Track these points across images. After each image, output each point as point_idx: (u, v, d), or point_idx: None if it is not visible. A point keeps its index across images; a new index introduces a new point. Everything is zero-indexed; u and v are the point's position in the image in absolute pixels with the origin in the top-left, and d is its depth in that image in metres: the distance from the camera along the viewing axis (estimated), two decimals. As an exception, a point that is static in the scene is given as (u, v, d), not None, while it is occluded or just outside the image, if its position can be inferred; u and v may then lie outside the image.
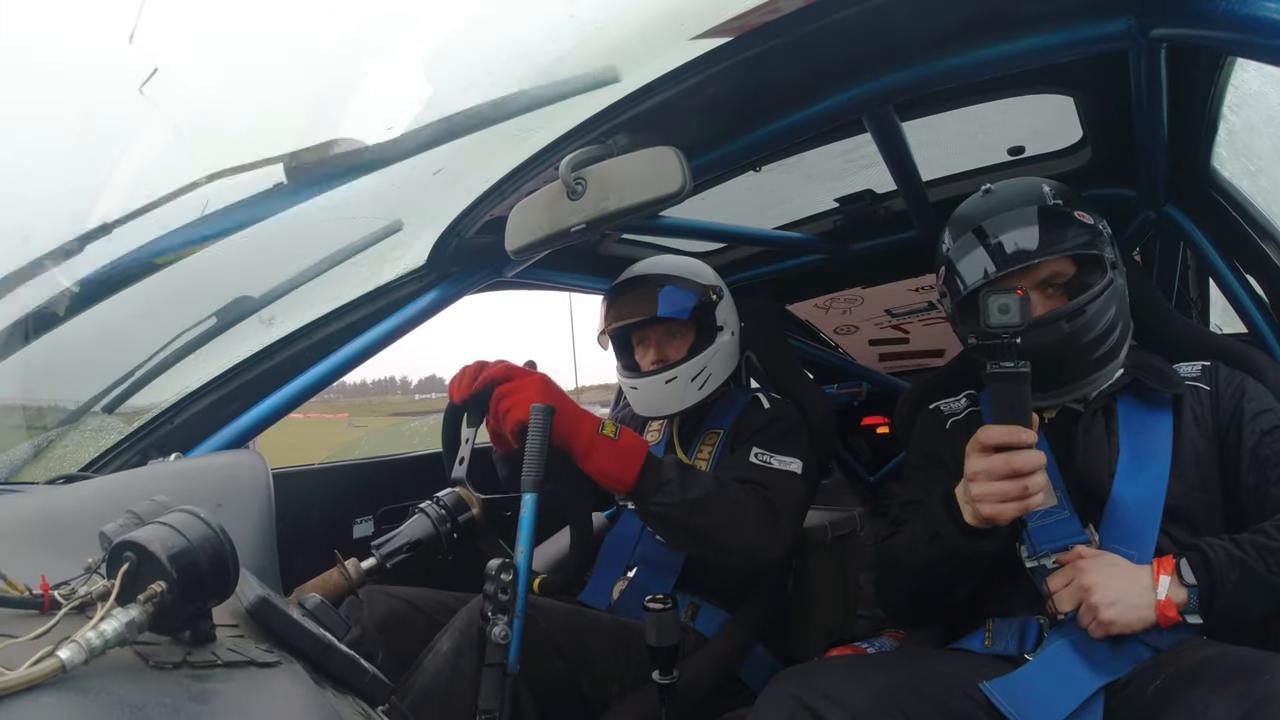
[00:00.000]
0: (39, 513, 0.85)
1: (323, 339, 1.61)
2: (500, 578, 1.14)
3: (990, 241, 1.31)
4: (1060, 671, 1.12)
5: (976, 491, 1.08)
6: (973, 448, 1.10)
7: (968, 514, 1.13)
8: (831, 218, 2.20)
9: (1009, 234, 1.30)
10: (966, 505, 1.13)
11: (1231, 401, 1.26)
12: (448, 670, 1.23)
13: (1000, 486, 1.06)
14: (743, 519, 1.43)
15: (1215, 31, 0.95)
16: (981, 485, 1.07)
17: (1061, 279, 1.29)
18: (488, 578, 1.14)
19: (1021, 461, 1.05)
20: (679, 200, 1.15)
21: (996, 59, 1.18)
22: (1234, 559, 1.06)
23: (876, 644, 2.00)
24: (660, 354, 1.77)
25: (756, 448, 1.61)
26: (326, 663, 0.65)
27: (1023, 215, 1.31)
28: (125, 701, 0.47)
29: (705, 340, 1.75)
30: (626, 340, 1.85)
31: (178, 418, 1.46)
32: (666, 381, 1.72)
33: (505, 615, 1.13)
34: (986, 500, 1.07)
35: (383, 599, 1.47)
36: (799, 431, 1.72)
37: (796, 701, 1.01)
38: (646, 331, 1.79)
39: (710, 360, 1.74)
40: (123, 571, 0.53)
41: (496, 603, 1.13)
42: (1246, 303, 1.58)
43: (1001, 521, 1.08)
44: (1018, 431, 1.05)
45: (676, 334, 1.78)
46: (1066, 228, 1.28)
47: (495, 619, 1.12)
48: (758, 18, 1.06)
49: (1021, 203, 1.32)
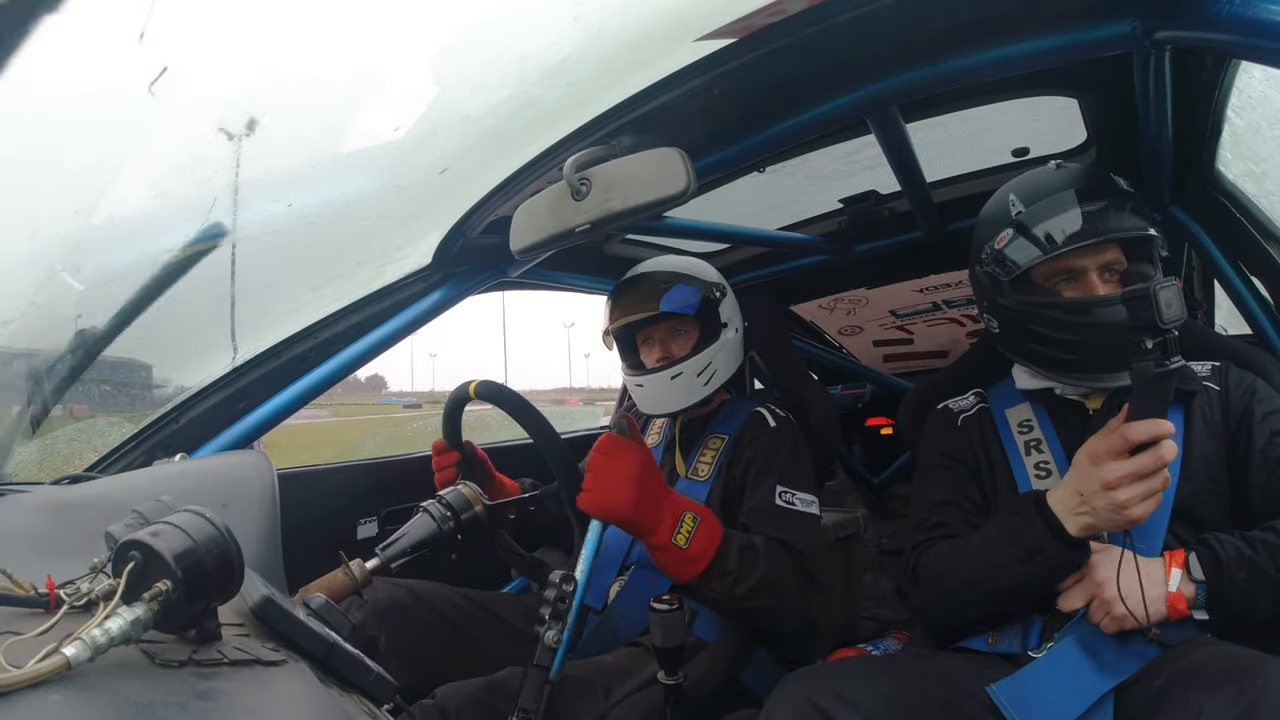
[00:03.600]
0: (45, 513, 0.85)
1: (328, 339, 1.61)
2: (563, 587, 1.21)
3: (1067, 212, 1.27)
4: (1069, 671, 1.12)
5: (1124, 496, 1.03)
6: (1105, 453, 1.06)
7: (1075, 525, 1.09)
8: (836, 218, 2.20)
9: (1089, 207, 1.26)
10: (1080, 516, 1.09)
11: (1241, 402, 1.26)
12: None
13: (1147, 484, 1.03)
14: (787, 604, 1.49)
15: (1220, 34, 0.95)
16: (1129, 489, 1.04)
17: (1120, 266, 1.28)
18: (550, 585, 1.21)
19: (1169, 453, 1.02)
20: (684, 201, 1.15)
21: (1001, 61, 1.18)
22: (1243, 556, 1.06)
23: (881, 645, 2.00)
24: (665, 351, 1.77)
25: (780, 486, 1.62)
26: (332, 662, 0.65)
27: (1101, 189, 1.28)
28: (131, 699, 0.48)
29: (709, 337, 1.76)
30: (631, 339, 1.86)
31: (183, 418, 1.46)
32: (672, 378, 1.72)
33: (560, 623, 1.19)
34: (1133, 503, 1.03)
35: (384, 587, 1.47)
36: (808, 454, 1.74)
37: (808, 702, 1.01)
38: (651, 330, 1.80)
39: (715, 356, 1.74)
40: (128, 570, 0.53)
41: (555, 609, 1.19)
42: (1251, 304, 1.58)
43: (1141, 522, 1.05)
44: (1163, 425, 1.02)
45: (681, 331, 1.78)
46: (1139, 212, 1.26)
47: (551, 624, 1.18)
48: (762, 19, 1.06)
49: (1098, 181, 1.30)
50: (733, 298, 1.84)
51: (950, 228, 2.00)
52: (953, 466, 1.43)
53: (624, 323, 1.77)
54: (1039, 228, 1.29)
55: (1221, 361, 1.35)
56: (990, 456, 1.41)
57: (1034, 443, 1.36)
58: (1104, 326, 1.24)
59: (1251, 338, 1.61)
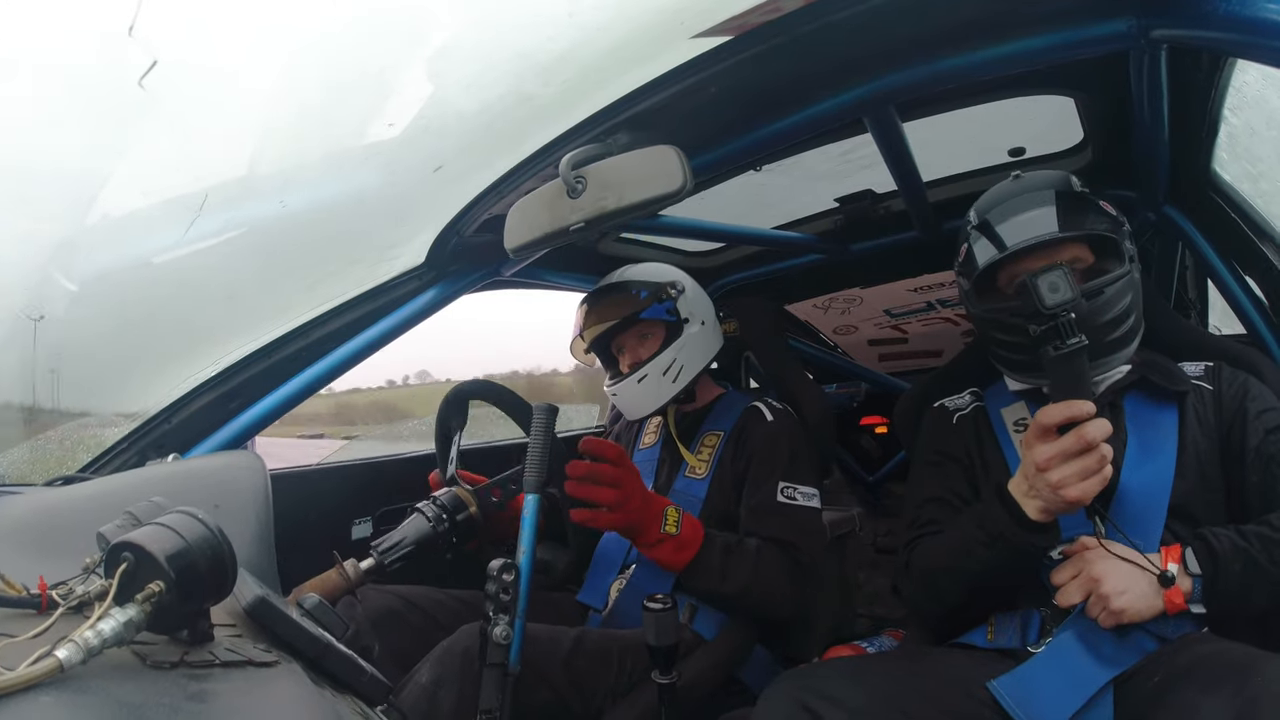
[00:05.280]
0: (37, 514, 0.85)
1: (320, 338, 1.60)
2: (502, 578, 1.15)
3: (1015, 218, 1.32)
4: (1068, 665, 1.12)
5: (1055, 477, 1.05)
6: (1034, 436, 1.08)
7: (1032, 509, 1.10)
8: (831, 218, 2.20)
9: (1034, 212, 1.31)
10: (1031, 499, 1.11)
11: (1235, 401, 1.27)
12: (425, 703, 1.21)
13: (1080, 464, 1.04)
14: (777, 593, 1.54)
15: (1216, 33, 0.95)
16: (1059, 469, 1.05)
17: (1082, 264, 1.30)
18: (489, 578, 1.15)
19: (1094, 432, 1.03)
20: (679, 199, 1.15)
21: (997, 59, 1.18)
22: (1238, 549, 1.08)
23: (876, 643, 2.01)
24: (634, 356, 1.82)
25: (783, 482, 1.65)
26: (325, 662, 0.65)
27: (1048, 196, 1.32)
28: (123, 701, 0.47)
29: (673, 334, 1.79)
30: (608, 351, 1.91)
31: (175, 418, 1.45)
32: (639, 381, 1.75)
33: (507, 615, 1.14)
34: (1068, 483, 1.04)
35: (377, 595, 1.47)
36: (807, 445, 1.76)
37: (796, 703, 1.02)
38: (620, 339, 1.85)
39: (680, 352, 1.77)
40: (120, 571, 0.53)
41: (498, 603, 1.14)
42: (1245, 304, 1.59)
43: (1085, 502, 1.06)
44: (1077, 405, 1.04)
45: (647, 335, 1.82)
46: (1088, 213, 1.29)
47: (497, 619, 1.13)
48: (758, 17, 1.06)
49: (1048, 186, 1.34)
50: (695, 291, 1.86)
51: (946, 227, 2.00)
52: (945, 464, 1.45)
53: (591, 336, 1.86)
54: (984, 239, 1.35)
55: (1215, 361, 1.36)
56: (985, 454, 1.42)
57: None
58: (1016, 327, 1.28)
59: (1245, 337, 1.62)
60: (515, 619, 1.15)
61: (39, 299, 1.33)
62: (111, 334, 1.49)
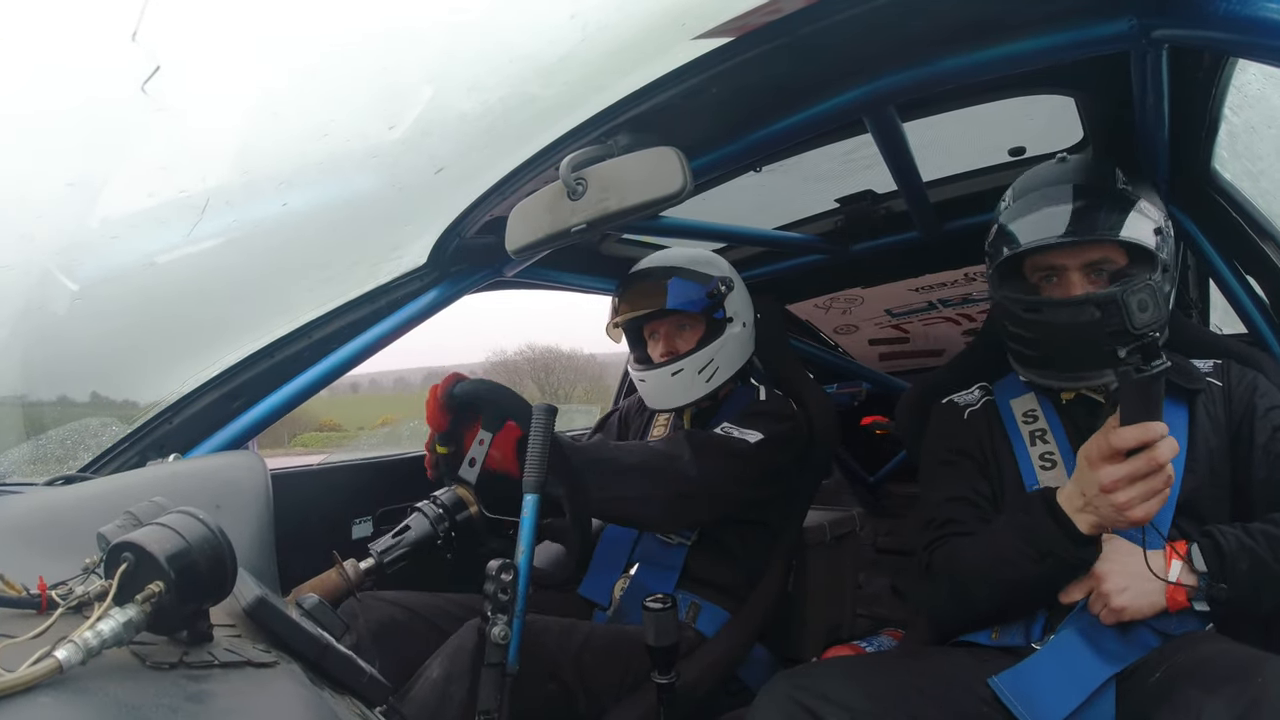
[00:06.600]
0: (37, 513, 0.85)
1: (322, 338, 1.60)
2: (500, 578, 1.15)
3: (1049, 208, 1.29)
4: (1069, 662, 1.12)
5: (1122, 499, 1.03)
6: (1099, 458, 1.05)
7: (1084, 524, 1.09)
8: (832, 218, 2.20)
9: (1070, 206, 1.28)
10: (1086, 515, 1.08)
11: (1244, 397, 1.27)
12: (436, 699, 1.21)
13: (1146, 485, 1.02)
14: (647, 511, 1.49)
15: (1217, 32, 0.94)
16: (1126, 491, 1.03)
17: (1112, 266, 1.27)
18: (488, 578, 1.15)
19: (1166, 453, 1.01)
20: (680, 201, 1.15)
21: (998, 59, 1.18)
22: (1245, 547, 1.07)
23: (875, 643, 2.01)
24: (670, 346, 1.78)
25: (727, 423, 1.65)
26: (324, 663, 0.65)
27: (1087, 191, 1.30)
28: (122, 702, 0.47)
29: (714, 332, 1.76)
30: (639, 332, 1.87)
31: (176, 418, 1.45)
32: (673, 374, 1.73)
33: (505, 615, 1.14)
34: (1134, 504, 1.03)
35: (378, 606, 1.45)
36: (779, 420, 1.74)
37: (794, 702, 1.02)
38: (656, 324, 1.81)
39: (718, 353, 1.75)
40: (120, 572, 0.53)
41: (496, 602, 1.14)
42: (1247, 304, 1.58)
43: (1148, 521, 1.04)
44: (1153, 429, 1.01)
45: (686, 326, 1.79)
46: (1127, 214, 1.26)
47: (495, 619, 1.13)
48: (759, 18, 1.06)
49: (1090, 179, 1.32)
50: (742, 290, 1.84)
51: (947, 227, 1.99)
52: (960, 462, 1.42)
53: (627, 318, 1.79)
54: (1014, 225, 1.32)
55: (1222, 359, 1.35)
56: (996, 448, 1.40)
57: (1039, 433, 1.36)
58: (1052, 326, 1.26)
59: (1247, 337, 1.61)
60: (514, 619, 1.15)
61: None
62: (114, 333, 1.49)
